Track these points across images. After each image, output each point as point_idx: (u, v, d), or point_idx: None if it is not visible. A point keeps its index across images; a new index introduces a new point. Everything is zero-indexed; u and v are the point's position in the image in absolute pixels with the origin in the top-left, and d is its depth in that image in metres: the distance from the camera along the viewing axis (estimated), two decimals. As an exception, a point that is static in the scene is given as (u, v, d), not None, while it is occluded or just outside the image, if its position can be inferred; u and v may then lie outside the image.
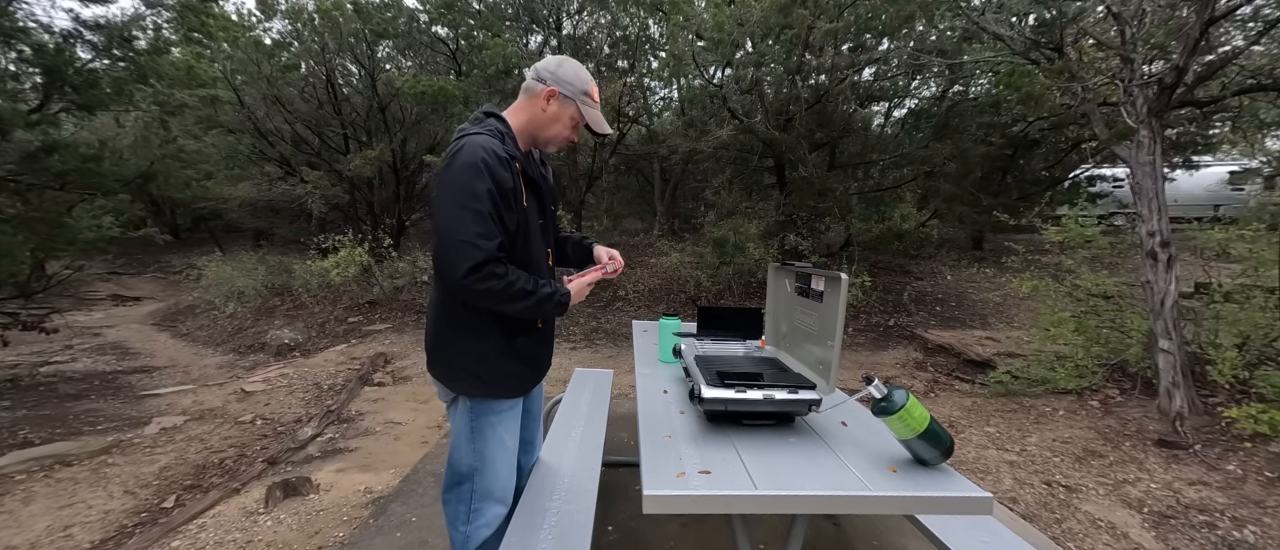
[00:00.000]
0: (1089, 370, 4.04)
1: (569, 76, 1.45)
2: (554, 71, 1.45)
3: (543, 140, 1.51)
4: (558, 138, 1.50)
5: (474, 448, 1.52)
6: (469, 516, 1.55)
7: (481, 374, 1.46)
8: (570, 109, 1.46)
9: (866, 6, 6.57)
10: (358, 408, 4.21)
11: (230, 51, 8.32)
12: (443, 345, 1.46)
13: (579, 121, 1.49)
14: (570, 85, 1.45)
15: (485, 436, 1.52)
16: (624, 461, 2.88)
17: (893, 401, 1.27)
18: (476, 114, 1.48)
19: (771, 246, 7.35)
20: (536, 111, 1.46)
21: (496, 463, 1.53)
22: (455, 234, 1.26)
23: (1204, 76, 3.73)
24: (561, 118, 1.47)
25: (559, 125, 1.48)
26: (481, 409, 1.50)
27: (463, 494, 1.55)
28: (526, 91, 1.47)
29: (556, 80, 1.44)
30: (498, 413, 1.52)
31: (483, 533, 1.55)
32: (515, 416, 1.58)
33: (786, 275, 1.97)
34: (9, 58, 5.45)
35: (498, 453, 1.54)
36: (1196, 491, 2.73)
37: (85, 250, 6.26)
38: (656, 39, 9.62)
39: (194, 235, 15.21)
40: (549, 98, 1.44)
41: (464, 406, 1.50)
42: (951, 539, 1.60)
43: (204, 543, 2.40)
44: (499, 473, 1.54)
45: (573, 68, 1.46)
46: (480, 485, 1.53)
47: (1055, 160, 8.88)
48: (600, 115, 1.50)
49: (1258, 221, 4.39)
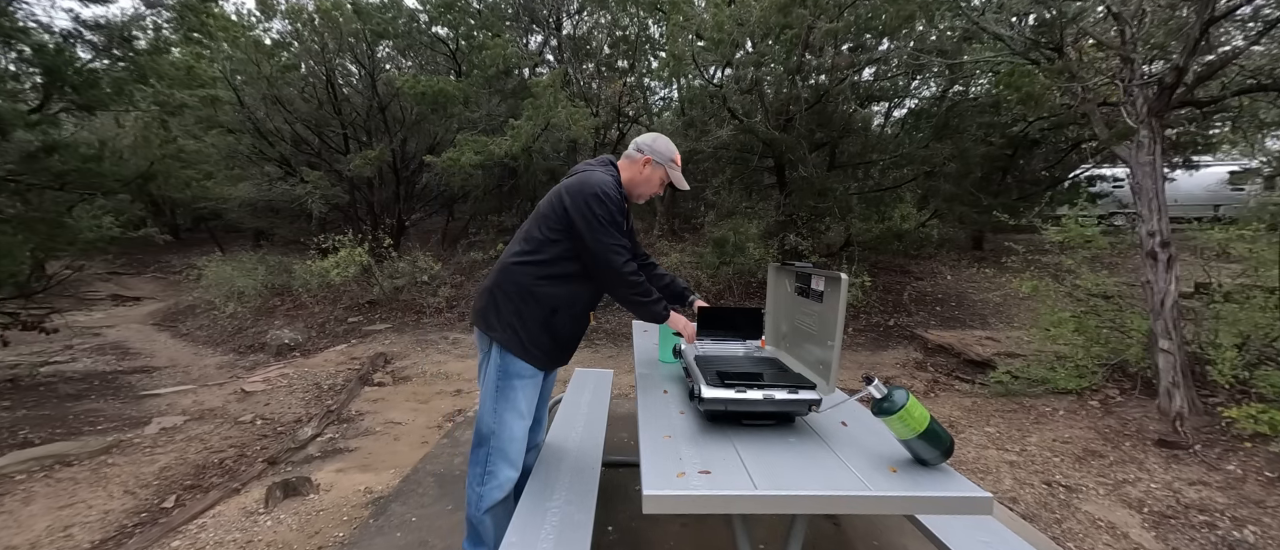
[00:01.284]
0: (1089, 370, 4.04)
1: (662, 149, 1.91)
2: (651, 145, 1.91)
3: (637, 194, 1.94)
4: (648, 193, 1.94)
5: (495, 408, 1.80)
6: (484, 477, 1.81)
7: (519, 331, 1.77)
8: (660, 172, 1.92)
9: (866, 6, 6.58)
10: (358, 408, 4.21)
11: (230, 51, 8.31)
12: (497, 303, 1.79)
13: (666, 180, 1.94)
14: (662, 155, 1.91)
15: (507, 398, 1.79)
16: (624, 461, 2.87)
17: (893, 401, 1.27)
18: (603, 158, 1.92)
19: (771, 246, 7.35)
20: (636, 173, 1.90)
21: (513, 426, 1.81)
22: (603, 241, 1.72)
23: (1204, 76, 3.72)
24: (653, 179, 1.92)
25: (651, 184, 1.92)
26: (508, 370, 1.78)
27: (479, 456, 1.83)
28: (628, 157, 1.92)
29: (651, 151, 1.90)
30: (522, 378, 1.80)
31: (495, 494, 1.80)
32: (535, 387, 1.86)
33: (786, 275, 1.98)
34: (9, 58, 5.45)
35: (514, 417, 1.81)
36: (1196, 491, 2.73)
37: (85, 250, 6.26)
38: (656, 39, 9.62)
39: (194, 235, 15.21)
40: (645, 164, 1.90)
41: (495, 363, 1.79)
42: (951, 539, 1.60)
43: (204, 543, 2.40)
44: (514, 435, 1.81)
45: (665, 143, 1.93)
46: (496, 446, 1.80)
47: (1055, 160, 8.88)
48: (681, 175, 1.95)
49: (1258, 221, 4.39)
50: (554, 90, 7.18)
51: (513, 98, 8.97)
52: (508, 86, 9.39)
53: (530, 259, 1.78)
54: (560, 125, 7.24)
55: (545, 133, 7.36)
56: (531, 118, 7.11)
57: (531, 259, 1.78)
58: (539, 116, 7.12)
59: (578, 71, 9.79)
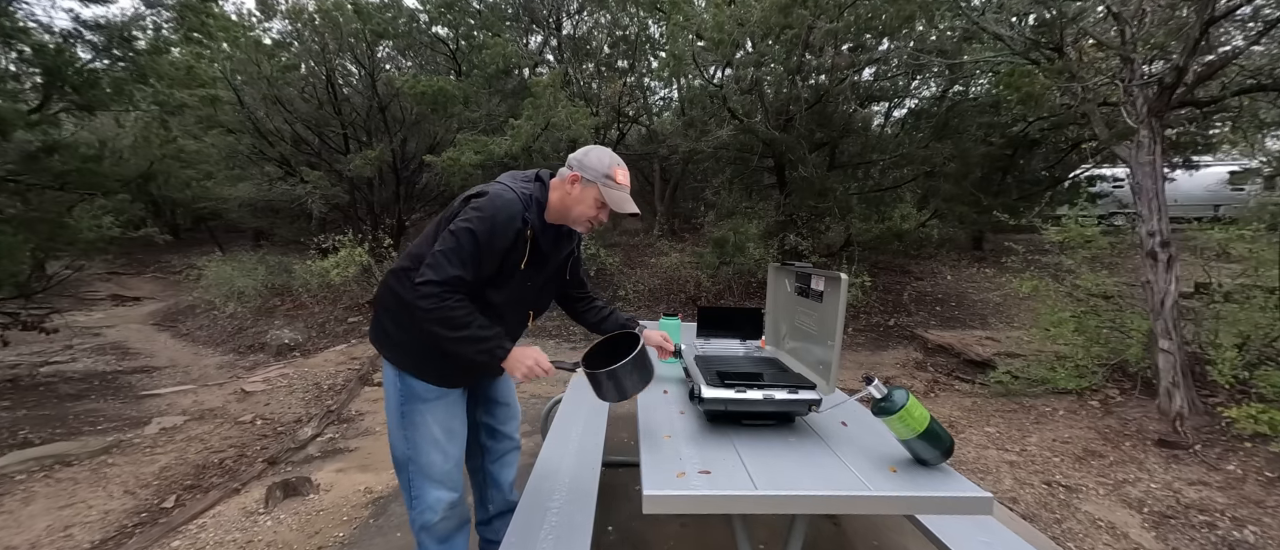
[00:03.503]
0: (1089, 370, 4.04)
1: (592, 163, 1.52)
2: (580, 159, 1.54)
3: (571, 219, 1.57)
4: (584, 217, 1.56)
5: (405, 435, 1.59)
6: (411, 502, 1.64)
7: (407, 348, 1.55)
8: (592, 191, 1.52)
9: (866, 6, 6.57)
10: (358, 408, 4.21)
11: (230, 51, 8.30)
12: (383, 316, 1.59)
13: (602, 202, 1.54)
14: (592, 170, 1.52)
15: (414, 423, 1.58)
16: (624, 461, 2.87)
17: (893, 401, 1.27)
18: (530, 174, 1.57)
19: (771, 246, 7.35)
20: (562, 194, 1.54)
21: (429, 454, 1.59)
22: (436, 251, 1.42)
23: (1204, 76, 3.72)
24: (585, 200, 1.53)
25: (583, 206, 1.54)
26: (409, 393, 1.56)
27: (403, 480, 1.64)
28: (559, 174, 1.57)
29: (580, 166, 1.52)
30: (425, 401, 1.57)
31: (428, 517, 1.62)
32: (448, 408, 1.61)
33: (786, 275, 1.98)
34: (9, 58, 5.45)
35: (428, 445, 1.59)
36: (1196, 491, 2.73)
37: (85, 250, 6.26)
38: (656, 39, 9.62)
39: (194, 235, 15.19)
40: (573, 181, 1.52)
41: (394, 385, 1.58)
42: (951, 539, 1.60)
43: (204, 543, 2.40)
44: (432, 461, 1.59)
45: (597, 155, 1.54)
46: (416, 472, 1.61)
47: (1055, 160, 8.88)
48: (624, 197, 1.54)
49: (1258, 221, 4.39)
50: (554, 90, 7.18)
51: (513, 98, 8.97)
52: (508, 86, 9.39)
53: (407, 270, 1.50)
54: (560, 125, 7.24)
55: (545, 132, 7.36)
56: (531, 117, 7.11)
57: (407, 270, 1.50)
58: (539, 116, 7.12)
59: (578, 71, 9.80)
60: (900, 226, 8.42)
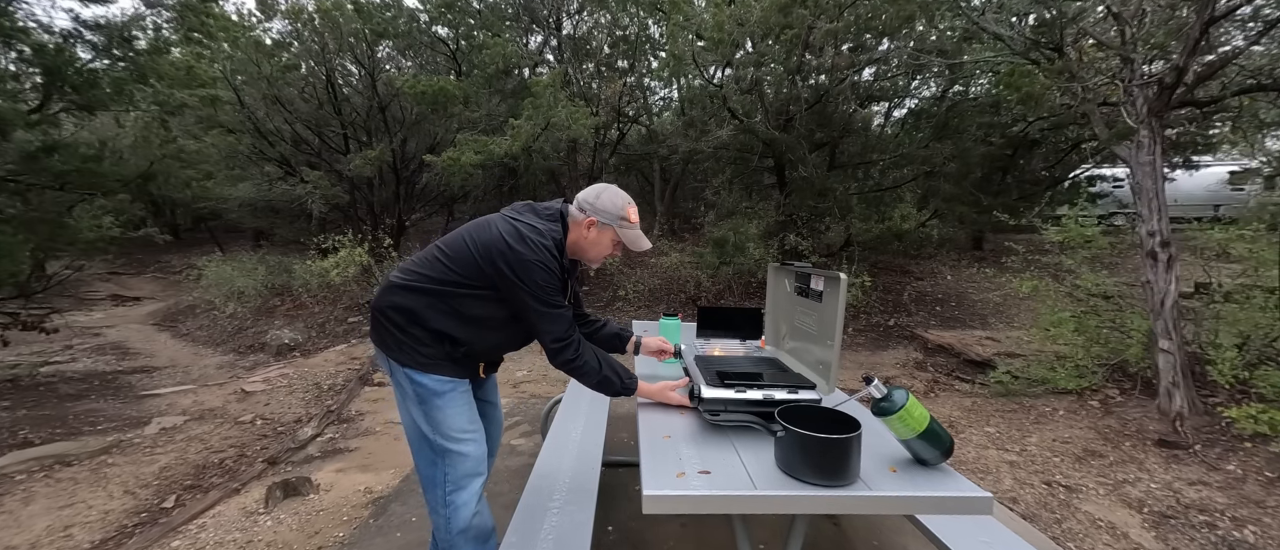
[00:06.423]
0: (1089, 370, 4.04)
1: (606, 206, 1.58)
2: (593, 202, 1.58)
3: (587, 258, 1.65)
4: (600, 257, 1.65)
5: (434, 433, 1.57)
6: (447, 501, 1.61)
7: (416, 345, 1.54)
8: (609, 233, 1.60)
9: (866, 6, 6.57)
10: (358, 408, 4.21)
11: (230, 51, 8.30)
12: (384, 324, 1.57)
13: (618, 242, 1.62)
14: (607, 214, 1.58)
15: (441, 420, 1.56)
16: (624, 461, 2.87)
17: (893, 401, 1.27)
18: (553, 209, 1.60)
19: (771, 246, 7.35)
20: (579, 236, 1.60)
21: (462, 443, 1.58)
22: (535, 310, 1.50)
23: (1204, 76, 3.72)
24: (602, 242, 1.61)
25: (600, 247, 1.62)
26: (426, 391, 1.55)
27: (436, 496, 1.60)
28: (572, 218, 1.60)
29: (594, 210, 1.58)
30: (441, 394, 1.56)
31: (463, 513, 1.60)
32: (464, 395, 1.62)
33: (786, 275, 1.98)
34: (9, 58, 5.45)
35: (457, 432, 1.58)
36: (1196, 491, 2.73)
37: (85, 250, 6.26)
38: (656, 39, 9.62)
39: (194, 235, 15.20)
40: (589, 226, 1.58)
41: (408, 390, 1.56)
42: (951, 539, 1.60)
43: (204, 543, 2.40)
44: (466, 453, 1.59)
45: (609, 197, 1.59)
46: (451, 466, 1.59)
47: (1055, 160, 8.88)
48: (638, 234, 1.62)
49: (1258, 221, 4.39)
50: (554, 90, 7.18)
51: (513, 97, 8.97)
52: (508, 86, 9.39)
53: (425, 287, 1.53)
54: (560, 125, 7.24)
55: (545, 132, 7.36)
56: (531, 117, 7.11)
57: (426, 287, 1.53)
58: (539, 116, 7.12)
59: (578, 71, 9.79)
60: (900, 226, 8.42)
